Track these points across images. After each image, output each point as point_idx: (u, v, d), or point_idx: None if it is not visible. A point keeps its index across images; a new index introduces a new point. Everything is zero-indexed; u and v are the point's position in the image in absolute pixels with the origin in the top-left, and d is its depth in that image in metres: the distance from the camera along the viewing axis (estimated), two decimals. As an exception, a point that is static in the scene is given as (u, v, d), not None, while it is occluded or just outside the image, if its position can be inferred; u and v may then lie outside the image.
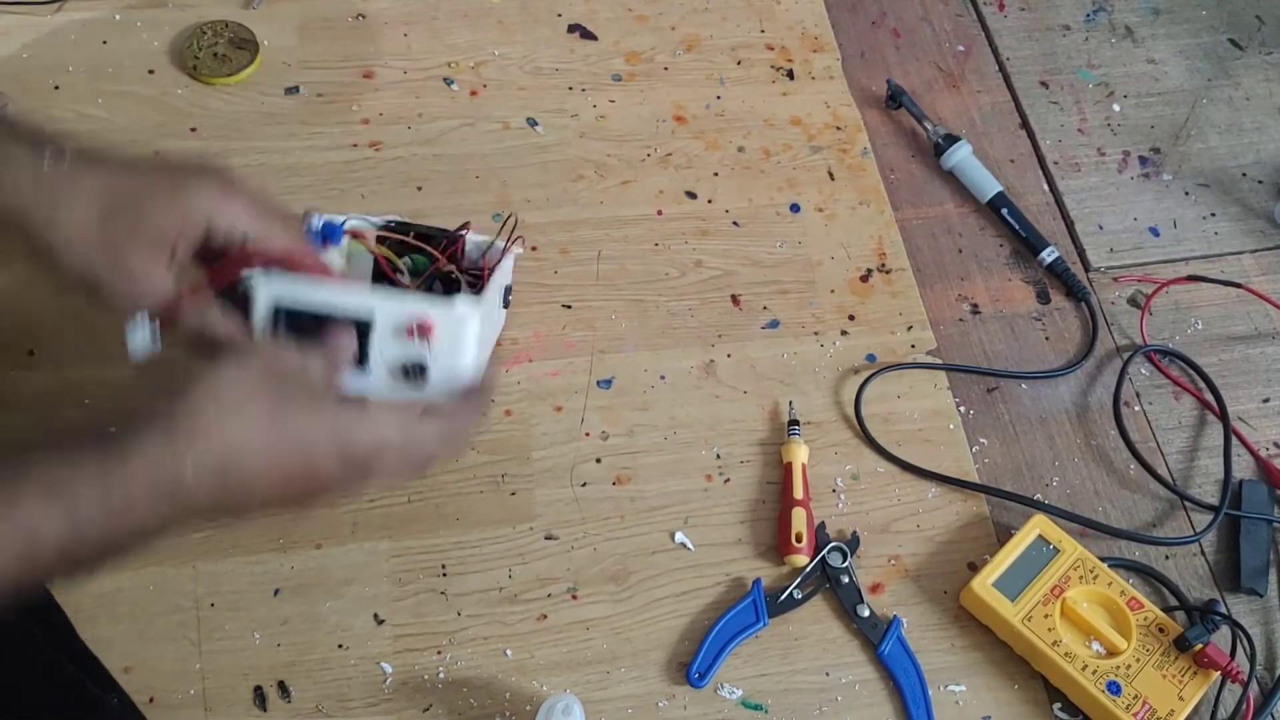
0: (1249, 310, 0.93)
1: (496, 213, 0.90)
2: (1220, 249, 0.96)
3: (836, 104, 1.00)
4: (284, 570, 0.74)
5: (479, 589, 0.75)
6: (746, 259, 0.91)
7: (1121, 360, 0.89)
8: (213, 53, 0.95)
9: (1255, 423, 0.87)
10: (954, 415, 0.85)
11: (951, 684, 0.74)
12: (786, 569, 0.77)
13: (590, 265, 0.89)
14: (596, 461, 0.80)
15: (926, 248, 0.93)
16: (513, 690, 0.71)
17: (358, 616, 0.73)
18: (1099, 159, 1.00)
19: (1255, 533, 0.81)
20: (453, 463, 0.79)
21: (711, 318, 0.87)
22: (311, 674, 0.71)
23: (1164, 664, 0.73)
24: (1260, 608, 0.79)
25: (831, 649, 0.75)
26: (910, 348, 0.88)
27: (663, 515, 0.79)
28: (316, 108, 0.94)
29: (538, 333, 0.85)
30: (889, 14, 1.08)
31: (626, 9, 1.04)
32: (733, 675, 0.73)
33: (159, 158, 0.65)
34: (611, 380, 0.84)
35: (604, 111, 0.97)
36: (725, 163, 0.96)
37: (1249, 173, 1.01)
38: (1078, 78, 1.05)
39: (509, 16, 1.02)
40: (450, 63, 0.99)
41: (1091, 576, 0.76)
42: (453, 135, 0.94)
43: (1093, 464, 0.84)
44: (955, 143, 0.96)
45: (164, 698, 0.69)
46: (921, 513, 0.80)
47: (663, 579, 0.76)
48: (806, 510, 0.77)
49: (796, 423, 0.82)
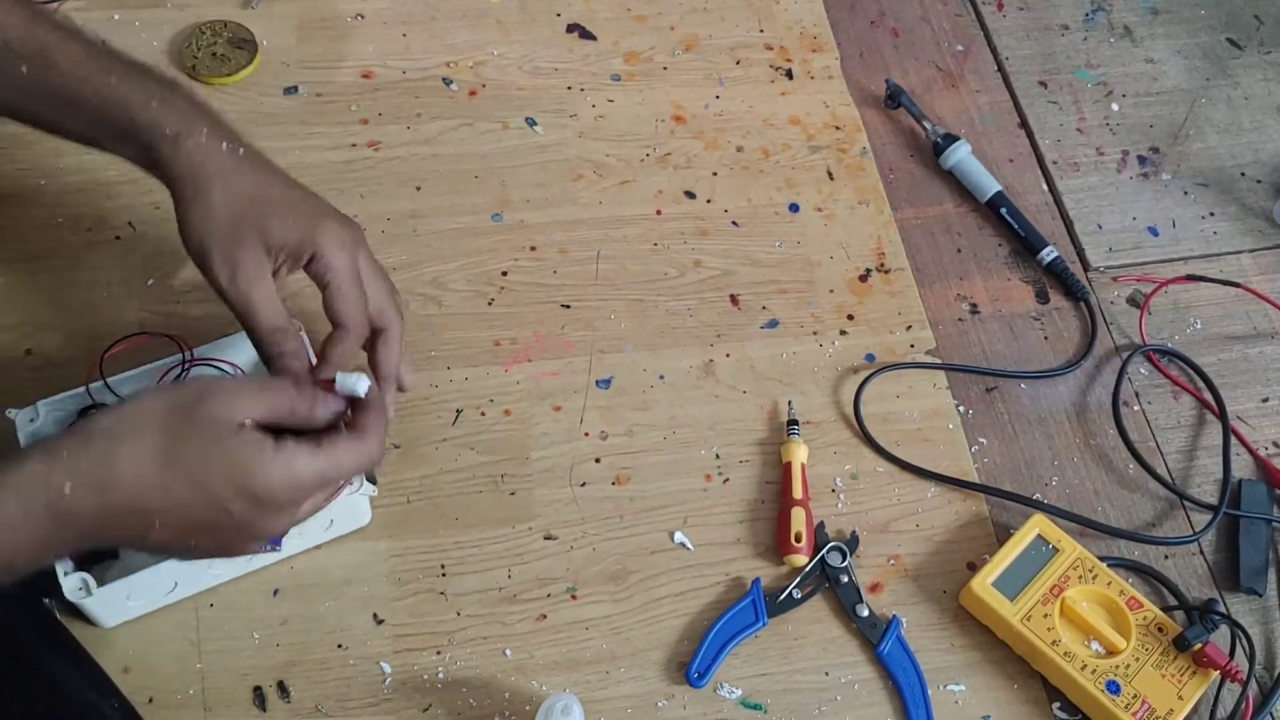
0: (1248, 310, 0.93)
1: (496, 213, 0.90)
2: (1219, 248, 0.96)
3: (835, 104, 1.00)
4: (283, 570, 0.74)
5: (478, 589, 0.75)
6: (745, 259, 0.91)
7: (1120, 360, 0.89)
8: (211, 52, 0.95)
9: (1254, 422, 0.87)
10: (953, 415, 0.85)
11: (951, 683, 0.74)
12: (786, 569, 0.77)
13: (589, 265, 0.89)
14: (596, 461, 0.80)
15: (925, 247, 0.93)
16: (512, 690, 0.71)
17: (357, 616, 0.73)
18: (1098, 158, 1.01)
19: (1254, 532, 0.81)
20: (452, 463, 0.79)
21: (710, 317, 0.87)
22: (311, 674, 0.71)
23: (1163, 663, 0.73)
24: (1259, 607, 0.79)
25: (831, 649, 0.75)
26: (909, 347, 0.88)
27: (662, 515, 0.79)
28: (315, 107, 0.94)
29: (537, 333, 0.85)
30: (888, 14, 1.08)
31: (625, 9, 1.04)
32: (732, 675, 0.73)
33: (316, 193, 0.70)
34: (611, 380, 0.84)
35: (603, 111, 0.97)
36: (724, 162, 0.96)
37: (1248, 172, 1.01)
38: (1076, 77, 1.05)
39: (508, 16, 1.02)
40: (449, 63, 0.99)
41: (1091, 576, 0.76)
42: (452, 135, 0.94)
43: (1092, 463, 0.84)
44: (954, 142, 0.96)
45: (163, 698, 0.69)
46: (921, 512, 0.80)
47: (662, 579, 0.76)
48: (806, 510, 0.77)
49: (796, 422, 0.82)
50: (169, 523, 0.57)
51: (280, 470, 0.58)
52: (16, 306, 0.82)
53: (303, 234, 0.65)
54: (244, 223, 0.64)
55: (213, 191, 0.64)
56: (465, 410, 0.81)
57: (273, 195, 0.65)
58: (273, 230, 0.64)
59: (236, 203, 0.64)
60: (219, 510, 0.57)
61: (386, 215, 0.89)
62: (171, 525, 0.57)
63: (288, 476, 0.58)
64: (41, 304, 0.82)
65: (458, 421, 0.81)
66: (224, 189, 0.64)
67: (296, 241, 0.65)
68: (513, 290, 0.87)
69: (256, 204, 0.64)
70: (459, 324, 0.85)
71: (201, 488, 0.57)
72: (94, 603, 0.67)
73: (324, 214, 0.67)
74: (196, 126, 0.64)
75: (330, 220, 0.67)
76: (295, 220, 0.65)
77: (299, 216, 0.65)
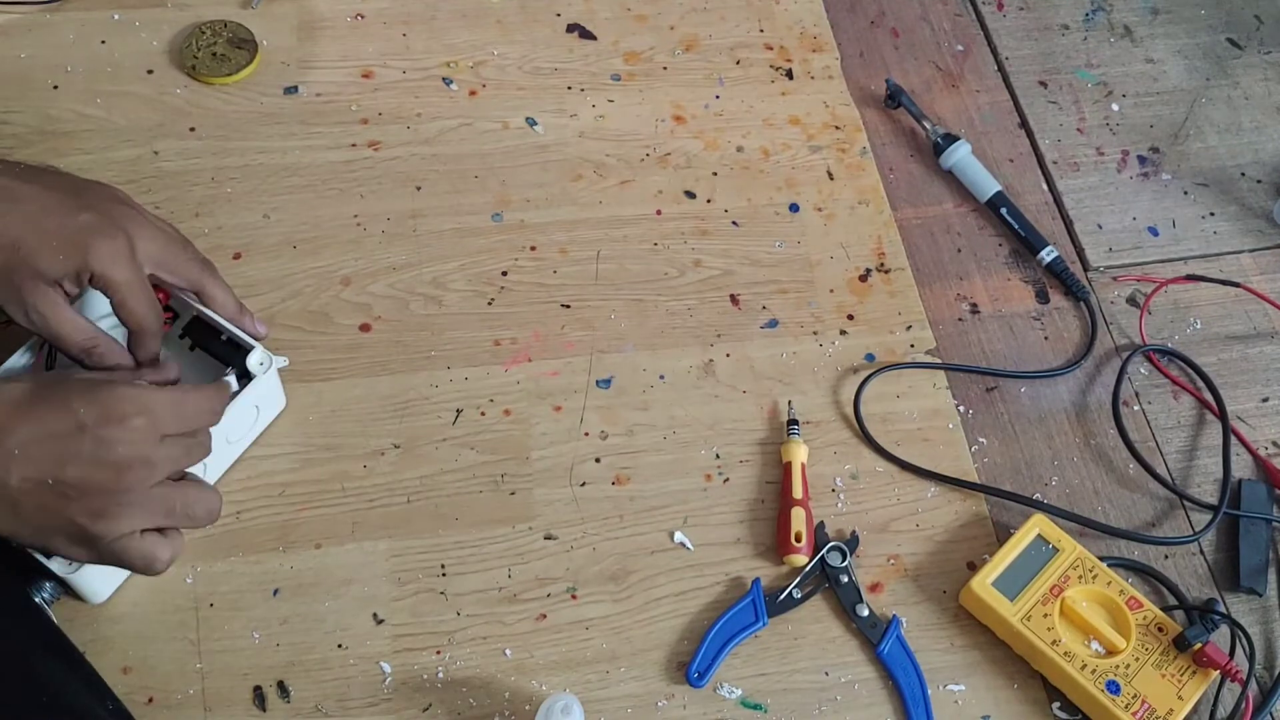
0: (1248, 310, 0.93)
1: (496, 213, 0.90)
2: (1219, 248, 0.96)
3: (835, 104, 1.00)
4: (283, 570, 0.74)
5: (478, 589, 0.75)
6: (745, 258, 0.91)
7: (1120, 360, 0.89)
8: (211, 52, 0.95)
9: (1254, 422, 0.87)
10: (953, 415, 0.85)
11: (950, 683, 0.74)
12: (786, 568, 0.77)
13: (589, 265, 0.89)
14: (596, 461, 0.80)
15: (925, 247, 0.93)
16: (512, 690, 0.71)
17: (357, 616, 0.73)
18: (1098, 158, 1.01)
19: (1254, 532, 0.81)
20: (451, 462, 0.79)
21: (710, 317, 0.87)
22: (311, 674, 0.71)
23: (1163, 663, 0.73)
24: (1259, 607, 0.79)
25: (831, 648, 0.75)
26: (909, 347, 0.88)
27: (662, 515, 0.79)
28: (315, 107, 0.94)
29: (537, 332, 0.85)
30: (888, 14, 1.08)
31: (625, 9, 1.04)
32: (732, 675, 0.73)
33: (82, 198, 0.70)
34: (610, 380, 0.84)
35: (603, 111, 0.97)
36: (724, 162, 0.96)
37: (1248, 172, 1.01)
38: (1076, 77, 1.05)
39: (508, 16, 1.02)
40: (449, 62, 0.99)
41: (1090, 576, 0.76)
42: (451, 135, 0.94)
43: (1092, 463, 0.84)
44: (954, 142, 0.96)
45: (163, 698, 0.69)
46: (921, 512, 0.81)
47: (662, 579, 0.76)
48: (806, 510, 0.78)
49: (796, 422, 0.82)
50: (28, 444, 0.60)
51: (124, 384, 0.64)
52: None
53: (74, 264, 0.66)
54: (15, 271, 0.65)
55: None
56: (465, 410, 0.81)
57: (29, 236, 0.66)
58: (44, 270, 0.66)
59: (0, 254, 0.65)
60: (71, 416, 0.60)
61: (386, 215, 0.89)
62: (29, 446, 0.60)
63: (130, 387, 0.63)
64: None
65: (458, 421, 0.81)
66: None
67: (72, 271, 0.67)
68: (513, 290, 0.87)
69: (19, 251, 0.65)
70: (459, 324, 0.85)
71: (49, 399, 0.61)
72: (85, 573, 0.67)
73: (88, 232, 0.67)
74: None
75: (95, 238, 0.67)
76: (63, 253, 0.66)
77: (64, 246, 0.66)
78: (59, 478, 0.60)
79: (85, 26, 0.97)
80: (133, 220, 0.70)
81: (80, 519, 0.61)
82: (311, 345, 0.82)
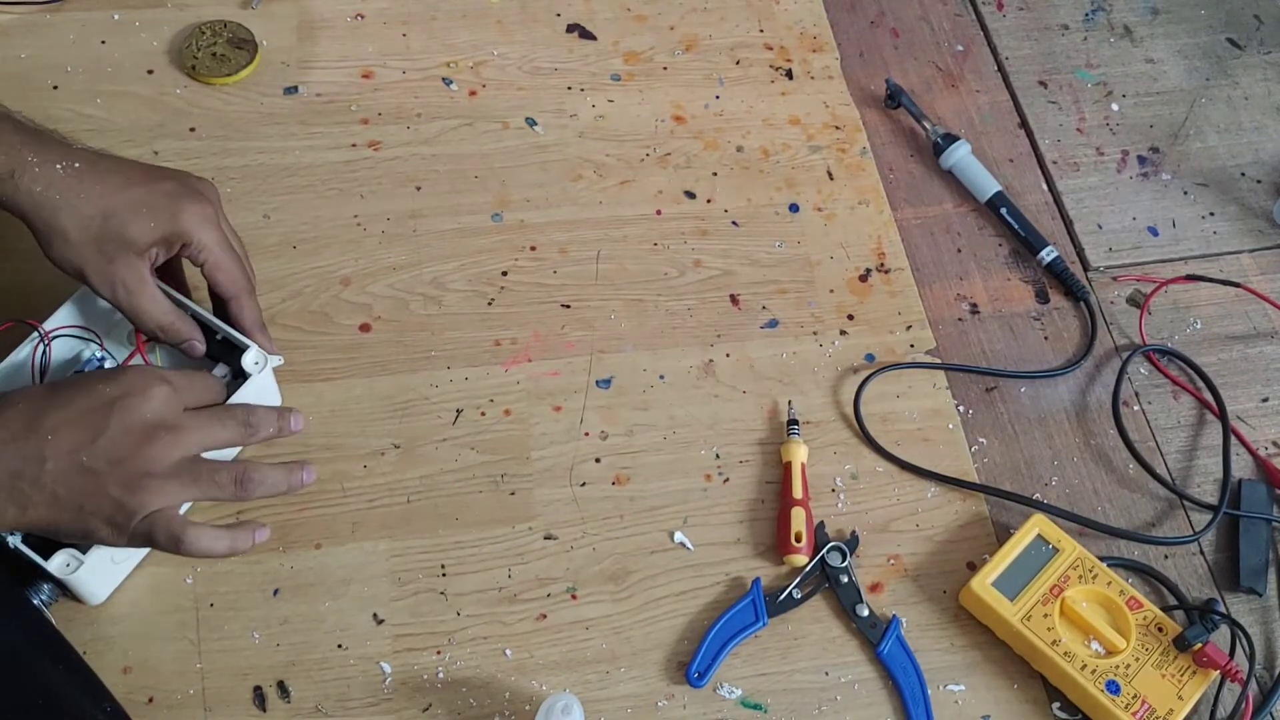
0: (1248, 310, 0.93)
1: (496, 213, 0.90)
2: (1219, 248, 0.96)
3: (835, 104, 1.00)
4: (283, 570, 0.74)
5: (478, 589, 0.75)
6: (745, 259, 0.91)
7: (1120, 360, 0.89)
8: (211, 53, 0.95)
9: (1254, 422, 0.87)
10: (953, 415, 0.85)
11: (951, 683, 0.74)
12: (786, 568, 0.77)
13: (589, 265, 0.89)
14: (596, 461, 0.80)
15: (925, 247, 0.93)
16: (512, 690, 0.71)
17: (357, 616, 0.73)
18: (1098, 158, 1.01)
19: (1254, 532, 0.81)
20: (452, 462, 0.79)
21: (710, 317, 0.87)
22: (311, 674, 0.71)
23: (1163, 663, 0.73)
24: (1259, 607, 0.79)
25: (831, 648, 0.75)
26: (909, 347, 0.88)
27: (662, 515, 0.79)
28: (315, 107, 0.94)
29: (537, 332, 0.85)
30: (888, 14, 1.08)
31: (625, 9, 1.04)
32: (732, 675, 0.73)
33: (160, 170, 0.72)
34: (610, 380, 0.84)
35: (603, 111, 0.97)
36: (724, 162, 0.96)
37: (1248, 172, 1.01)
38: (1076, 77, 1.05)
39: (508, 16, 1.02)
40: (449, 63, 0.99)
41: (1090, 576, 0.76)
42: (451, 135, 0.94)
43: (1092, 463, 0.84)
44: (954, 142, 0.96)
45: (163, 698, 0.69)
46: (921, 512, 0.81)
47: (662, 579, 0.76)
48: (806, 510, 0.78)
49: (795, 422, 0.82)
50: (59, 425, 0.61)
51: (141, 365, 0.67)
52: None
53: (166, 228, 0.68)
54: (106, 239, 0.67)
55: (61, 218, 0.66)
56: (465, 410, 0.81)
57: (120, 204, 0.67)
58: (135, 237, 0.67)
59: (91, 224, 0.67)
60: (97, 395, 0.63)
61: (386, 215, 0.89)
62: (61, 428, 0.61)
63: (148, 367, 0.67)
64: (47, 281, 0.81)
65: (458, 421, 0.81)
66: (72, 214, 0.67)
67: (162, 237, 0.68)
68: (513, 290, 0.87)
69: (110, 218, 0.67)
70: (459, 324, 0.85)
71: (74, 385, 0.63)
72: (84, 574, 0.67)
73: (178, 198, 0.69)
74: (24, 158, 0.66)
75: (186, 202, 0.69)
76: (153, 218, 0.68)
77: (155, 212, 0.68)
78: (91, 451, 0.62)
79: (85, 26, 0.97)
80: (212, 191, 0.73)
81: (114, 491, 0.62)
82: (311, 345, 0.83)
